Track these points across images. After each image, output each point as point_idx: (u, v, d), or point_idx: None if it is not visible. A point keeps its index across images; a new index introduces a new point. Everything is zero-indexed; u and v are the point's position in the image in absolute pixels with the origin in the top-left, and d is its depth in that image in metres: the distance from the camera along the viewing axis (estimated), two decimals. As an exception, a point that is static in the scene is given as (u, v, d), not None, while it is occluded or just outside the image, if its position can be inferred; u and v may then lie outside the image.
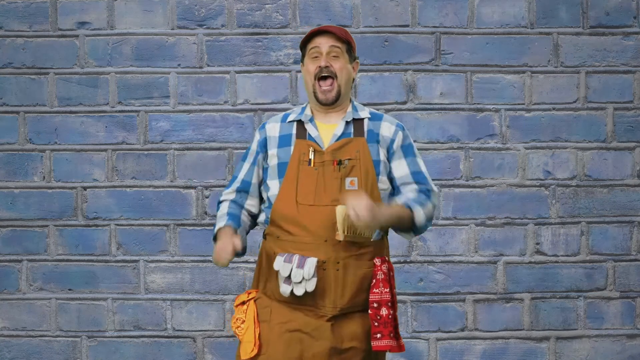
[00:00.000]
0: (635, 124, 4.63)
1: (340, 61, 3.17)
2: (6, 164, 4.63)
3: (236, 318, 3.16)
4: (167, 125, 4.62)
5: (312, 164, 3.12)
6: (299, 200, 3.10)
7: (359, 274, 3.09)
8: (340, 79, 3.17)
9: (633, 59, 4.62)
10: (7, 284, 4.64)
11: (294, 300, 3.08)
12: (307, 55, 3.20)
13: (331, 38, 3.17)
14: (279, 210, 3.12)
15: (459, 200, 4.61)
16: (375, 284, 3.09)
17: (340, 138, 3.16)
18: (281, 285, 3.06)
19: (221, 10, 4.62)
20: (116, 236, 4.62)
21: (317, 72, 3.16)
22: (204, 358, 4.60)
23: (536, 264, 4.61)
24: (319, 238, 3.07)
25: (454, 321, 4.61)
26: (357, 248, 3.08)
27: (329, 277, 3.06)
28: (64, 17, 4.62)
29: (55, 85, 4.62)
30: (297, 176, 3.12)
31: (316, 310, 3.09)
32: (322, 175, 3.11)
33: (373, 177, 3.13)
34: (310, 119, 3.20)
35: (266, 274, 3.17)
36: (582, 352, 4.62)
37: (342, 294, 3.08)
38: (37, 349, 4.63)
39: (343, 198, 3.01)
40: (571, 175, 4.62)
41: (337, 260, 3.07)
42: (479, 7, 4.61)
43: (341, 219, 3.01)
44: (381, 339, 3.07)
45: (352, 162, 3.12)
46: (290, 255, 3.06)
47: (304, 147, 3.14)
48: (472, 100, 4.62)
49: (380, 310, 3.08)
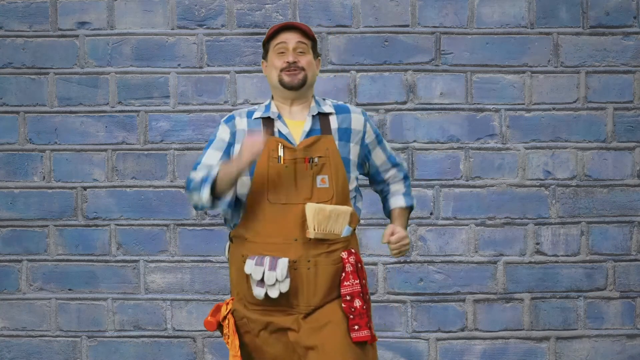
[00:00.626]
0: (635, 124, 4.63)
1: (306, 57, 3.17)
2: (6, 164, 4.63)
3: (224, 333, 3.17)
4: (167, 125, 4.62)
5: (282, 161, 3.11)
6: (271, 199, 3.09)
7: (330, 271, 3.09)
8: (308, 72, 3.16)
9: (633, 59, 4.62)
10: (7, 284, 4.64)
11: (268, 302, 3.07)
12: (272, 50, 3.18)
13: (298, 34, 3.17)
14: (251, 209, 3.11)
15: (459, 200, 4.61)
16: (345, 277, 3.09)
17: (309, 134, 3.15)
18: (254, 289, 3.05)
19: (221, 10, 4.62)
20: (116, 236, 4.62)
21: (284, 67, 3.15)
22: (204, 358, 4.60)
23: (536, 264, 4.61)
24: (289, 237, 3.06)
25: (454, 321, 4.61)
26: (327, 245, 3.08)
27: (300, 276, 3.06)
28: (64, 17, 4.62)
29: (55, 85, 4.62)
30: (267, 174, 3.10)
31: (290, 310, 3.09)
32: (293, 173, 3.10)
33: (343, 175, 3.13)
34: (279, 116, 3.18)
35: (236, 279, 3.16)
36: (582, 352, 4.62)
37: (314, 293, 3.08)
38: (37, 349, 4.63)
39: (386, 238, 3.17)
40: (571, 175, 4.62)
41: (308, 258, 3.07)
42: (479, 7, 4.61)
43: (311, 216, 3.02)
44: (359, 330, 3.07)
45: (322, 160, 3.11)
46: (261, 258, 3.04)
47: (272, 144, 3.12)
48: (472, 100, 4.62)
49: (353, 302, 3.08)
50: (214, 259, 4.60)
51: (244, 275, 3.09)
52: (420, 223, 4.60)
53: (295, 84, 3.15)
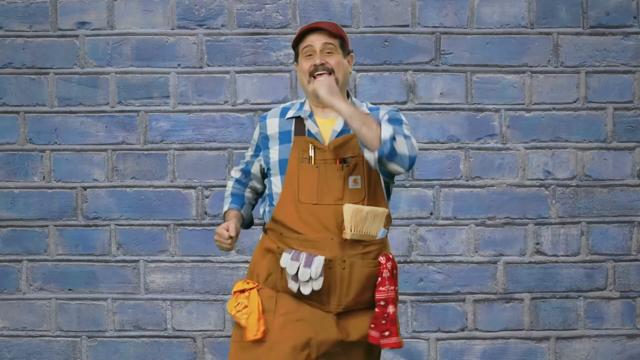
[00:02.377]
0: (635, 124, 4.63)
1: (335, 56, 3.15)
2: (6, 164, 4.63)
3: (237, 302, 3.09)
4: (167, 125, 4.62)
5: (313, 161, 3.10)
6: (301, 199, 3.08)
7: (364, 273, 3.07)
8: (338, 73, 3.14)
9: (633, 59, 4.62)
10: (7, 284, 4.64)
11: (299, 295, 3.06)
12: (301, 54, 3.17)
13: (323, 35, 3.15)
14: (281, 209, 3.10)
15: (459, 200, 4.61)
16: (381, 282, 3.07)
17: (340, 134, 3.13)
18: (289, 282, 3.05)
19: (221, 10, 4.62)
20: (116, 236, 4.62)
21: (312, 70, 3.13)
22: (204, 358, 4.60)
23: (536, 264, 4.61)
24: (325, 236, 3.05)
25: (454, 321, 4.61)
26: (362, 246, 3.07)
27: (335, 275, 3.05)
28: (64, 17, 4.62)
29: (55, 85, 4.62)
30: (297, 174, 3.09)
31: (321, 307, 3.08)
32: (325, 174, 3.08)
33: (376, 175, 3.11)
34: (310, 115, 3.17)
35: (268, 268, 3.13)
36: (582, 352, 4.61)
37: (347, 293, 3.07)
38: (37, 349, 4.63)
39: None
40: (571, 175, 4.62)
41: (344, 258, 3.05)
42: (479, 7, 4.61)
43: (349, 217, 3.00)
44: (389, 336, 3.07)
45: (355, 160, 3.09)
46: (298, 253, 3.03)
47: (303, 144, 3.12)
48: (472, 100, 4.62)
49: (387, 308, 3.07)
50: (214, 259, 4.60)
51: (277, 266, 3.08)
52: (420, 223, 4.60)
53: None
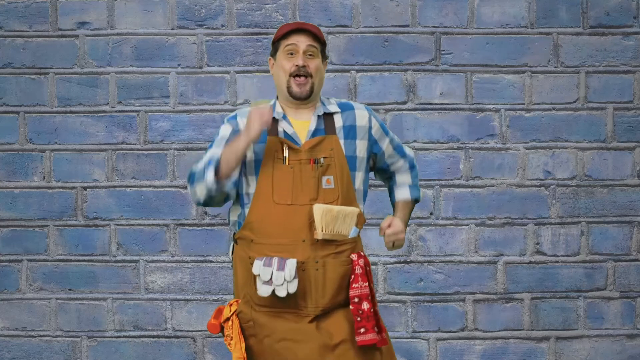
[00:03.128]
0: (635, 124, 4.63)
1: (315, 61, 3.15)
2: (6, 164, 4.63)
3: (226, 335, 3.12)
4: (167, 125, 4.62)
5: (287, 162, 3.10)
6: (276, 200, 3.07)
7: (338, 272, 3.07)
8: (315, 78, 3.14)
9: (633, 59, 4.62)
10: (7, 284, 4.64)
11: (275, 303, 3.05)
12: (282, 50, 3.15)
13: (309, 37, 3.14)
14: (255, 210, 3.09)
15: (459, 200, 4.61)
16: (354, 279, 3.08)
17: (314, 135, 3.14)
18: (260, 287, 3.01)
19: (221, 10, 4.62)
20: (116, 236, 4.62)
21: (293, 70, 3.12)
22: (204, 358, 4.60)
23: (536, 264, 4.61)
24: (296, 238, 3.05)
25: (454, 321, 4.61)
26: (334, 246, 3.07)
27: (309, 277, 3.05)
28: (64, 17, 4.62)
29: (55, 85, 4.62)
30: (272, 175, 3.09)
31: (298, 311, 3.07)
32: (299, 174, 3.08)
33: (348, 176, 3.12)
34: (283, 116, 3.17)
35: (243, 281, 3.13)
36: (582, 352, 4.62)
37: (323, 294, 3.06)
38: (37, 349, 4.63)
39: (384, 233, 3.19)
40: (571, 175, 4.62)
41: (316, 259, 3.05)
42: (479, 7, 4.61)
43: (319, 217, 3.01)
44: (365, 333, 3.06)
45: (328, 161, 3.10)
46: (269, 259, 3.03)
47: (276, 144, 3.11)
48: (472, 100, 4.62)
49: (361, 305, 3.07)
50: (214, 259, 4.60)
51: (251, 277, 3.07)
52: (420, 223, 4.60)
53: (303, 96, 3.14)
